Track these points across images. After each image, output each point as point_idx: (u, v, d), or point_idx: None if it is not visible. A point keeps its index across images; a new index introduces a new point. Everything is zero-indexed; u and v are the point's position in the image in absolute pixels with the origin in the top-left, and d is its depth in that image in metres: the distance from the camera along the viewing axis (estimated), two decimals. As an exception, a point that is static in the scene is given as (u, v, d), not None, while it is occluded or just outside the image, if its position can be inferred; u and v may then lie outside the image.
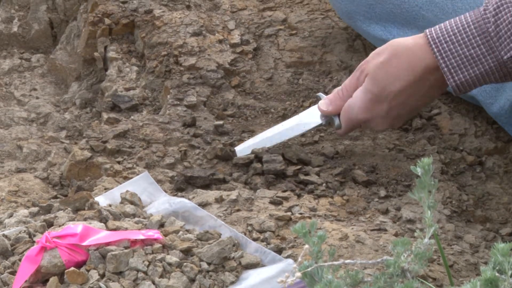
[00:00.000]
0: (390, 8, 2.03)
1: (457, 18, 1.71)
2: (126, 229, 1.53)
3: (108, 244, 1.47)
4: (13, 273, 1.47)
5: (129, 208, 1.62)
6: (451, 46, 1.70)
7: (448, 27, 1.71)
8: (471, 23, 1.69)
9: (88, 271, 1.43)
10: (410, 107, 1.79)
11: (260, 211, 1.67)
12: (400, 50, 1.76)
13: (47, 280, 1.44)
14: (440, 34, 1.71)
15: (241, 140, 1.91)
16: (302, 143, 1.93)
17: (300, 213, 1.67)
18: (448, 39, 1.71)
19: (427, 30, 1.72)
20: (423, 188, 1.24)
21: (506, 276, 1.13)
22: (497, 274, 1.13)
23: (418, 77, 1.74)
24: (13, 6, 2.45)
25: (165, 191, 1.74)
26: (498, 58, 1.67)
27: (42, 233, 1.53)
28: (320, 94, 1.89)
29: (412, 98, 1.77)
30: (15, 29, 2.44)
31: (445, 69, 1.70)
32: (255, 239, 1.56)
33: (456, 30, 1.71)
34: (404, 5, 2.01)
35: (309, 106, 2.02)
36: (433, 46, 1.71)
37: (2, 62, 2.38)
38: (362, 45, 2.15)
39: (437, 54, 1.70)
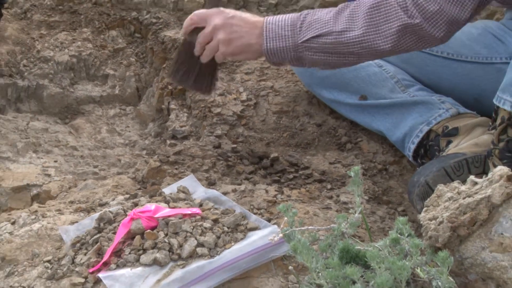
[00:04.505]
0: (333, 81, 2.01)
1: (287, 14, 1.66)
2: (180, 207, 1.51)
3: (169, 216, 1.45)
4: (114, 233, 1.45)
5: (182, 195, 1.60)
6: (273, 26, 1.64)
7: (279, 16, 1.65)
8: (290, 18, 1.64)
9: (158, 232, 1.41)
10: (236, 43, 1.65)
11: (258, 196, 1.64)
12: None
13: (134, 237, 1.41)
14: (271, 19, 1.65)
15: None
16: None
17: (281, 198, 1.64)
18: (273, 21, 1.65)
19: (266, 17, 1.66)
20: (354, 184, 1.22)
21: (404, 237, 1.11)
22: (399, 235, 1.11)
23: (248, 27, 1.65)
24: (116, 78, 2.44)
25: (203, 186, 1.71)
26: (295, 41, 1.62)
27: (131, 209, 1.51)
28: None
29: (239, 30, 1.65)
30: (116, 92, 2.43)
31: (264, 36, 1.64)
32: (255, 213, 1.53)
33: (281, 18, 1.64)
34: (342, 79, 1.99)
35: (286, 137, 2.00)
36: (265, 23, 1.65)
37: (110, 111, 2.37)
38: (317, 101, 2.13)
39: (264, 29, 1.64)
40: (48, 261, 1.42)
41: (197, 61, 1.75)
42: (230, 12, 1.69)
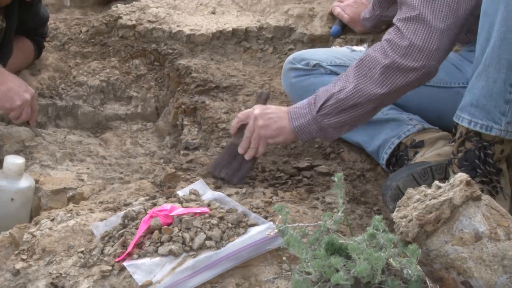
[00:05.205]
0: None
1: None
2: (192, 207, 1.49)
3: (183, 214, 1.43)
4: (137, 228, 1.43)
5: (193, 197, 1.58)
6: (295, 108, 1.66)
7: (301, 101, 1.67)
8: (307, 98, 1.66)
9: (173, 227, 1.40)
10: (272, 127, 1.69)
11: (257, 198, 1.63)
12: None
13: (153, 232, 1.40)
14: (295, 104, 1.68)
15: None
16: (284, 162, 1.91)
17: (276, 200, 1.63)
18: (295, 105, 1.67)
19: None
20: (338, 187, 1.21)
21: (379, 232, 1.10)
22: (375, 231, 1.10)
23: (280, 113, 1.67)
24: (138, 99, 2.44)
25: (211, 189, 1.69)
26: (312, 114, 1.62)
27: (151, 209, 1.49)
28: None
29: (273, 116, 1.68)
30: (139, 110, 2.42)
31: (289, 117, 1.65)
32: (254, 212, 1.52)
33: (301, 101, 1.66)
34: None
35: (280, 148, 1.98)
36: (290, 108, 1.68)
37: (133, 126, 2.36)
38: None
39: (288, 112, 1.66)
40: (81, 252, 1.41)
41: (238, 160, 1.75)
42: (267, 106, 1.73)
